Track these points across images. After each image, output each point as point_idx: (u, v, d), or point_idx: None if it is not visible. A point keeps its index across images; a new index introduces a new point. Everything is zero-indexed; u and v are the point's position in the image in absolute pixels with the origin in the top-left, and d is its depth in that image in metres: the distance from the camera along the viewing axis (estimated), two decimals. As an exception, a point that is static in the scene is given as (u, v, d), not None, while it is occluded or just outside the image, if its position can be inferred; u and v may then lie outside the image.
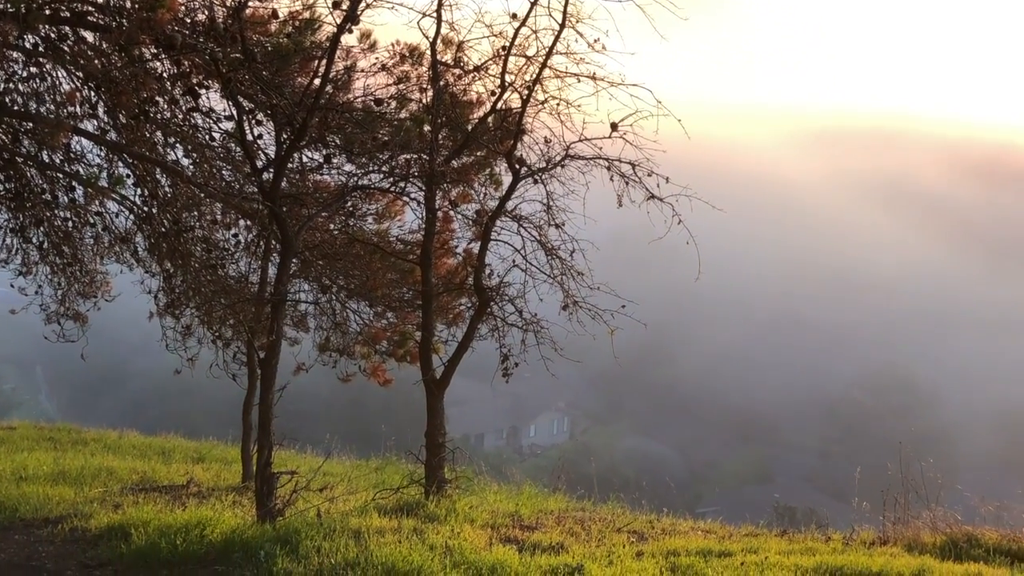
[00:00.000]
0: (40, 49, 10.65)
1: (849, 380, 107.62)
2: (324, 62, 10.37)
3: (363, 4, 10.05)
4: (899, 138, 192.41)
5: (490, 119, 12.17)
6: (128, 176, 12.73)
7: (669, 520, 13.00)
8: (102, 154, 12.65)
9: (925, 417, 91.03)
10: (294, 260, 12.52)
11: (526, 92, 11.73)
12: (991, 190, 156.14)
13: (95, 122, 11.91)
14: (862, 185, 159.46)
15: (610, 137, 11.49)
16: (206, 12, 9.92)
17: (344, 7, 9.72)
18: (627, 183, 11.64)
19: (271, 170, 11.14)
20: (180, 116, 12.06)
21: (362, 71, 12.39)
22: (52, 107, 11.84)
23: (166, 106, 11.81)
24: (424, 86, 12.30)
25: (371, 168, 12.57)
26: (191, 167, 12.68)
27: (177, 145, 12.58)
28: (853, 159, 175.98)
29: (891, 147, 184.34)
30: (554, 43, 11.34)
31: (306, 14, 11.08)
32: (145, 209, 13.03)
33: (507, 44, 11.64)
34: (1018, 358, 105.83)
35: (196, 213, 13.47)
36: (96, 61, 10.82)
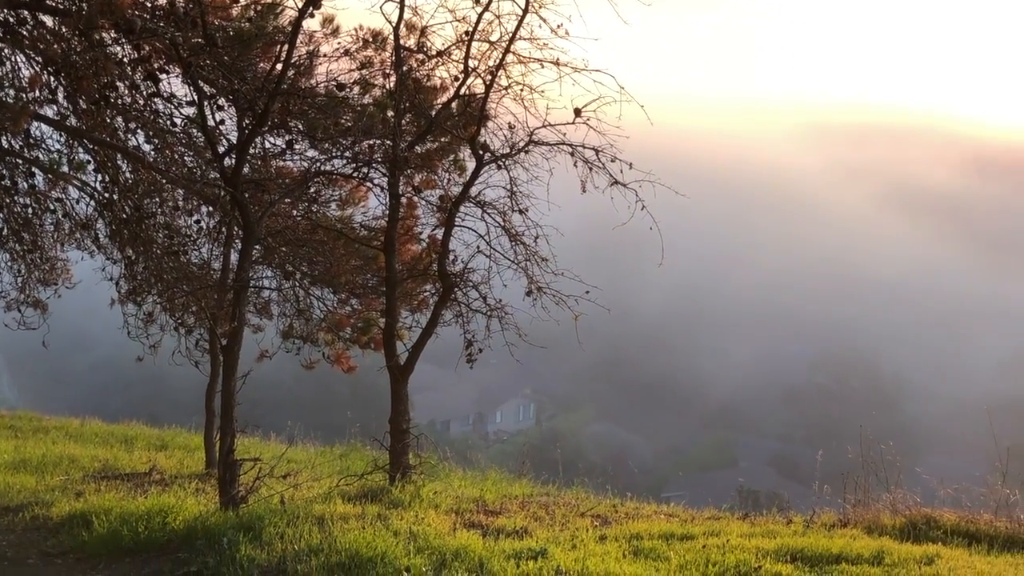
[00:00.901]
0: (-1, 34, 10.53)
1: (812, 365, 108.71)
2: (286, 47, 10.30)
3: (325, -12, 9.99)
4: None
5: (454, 105, 12.14)
6: (89, 162, 12.65)
7: (633, 504, 13.08)
8: (62, 140, 12.54)
9: (888, 402, 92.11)
10: (256, 246, 12.45)
11: (489, 77, 11.71)
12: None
13: (55, 107, 11.80)
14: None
15: (573, 123, 11.49)
16: (166, -4, 9.83)
17: (306, -9, 9.66)
18: (591, 169, 11.65)
19: (233, 156, 11.07)
20: (141, 101, 11.97)
21: (325, 56, 12.32)
22: (12, 92, 11.71)
23: (127, 91, 11.73)
24: (387, 71, 12.24)
25: (334, 154, 12.51)
26: (152, 153, 12.60)
27: (138, 131, 12.49)
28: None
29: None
30: (517, 28, 11.33)
31: (268, -2, 11.00)
32: (106, 195, 12.95)
33: (470, 29, 11.62)
34: (985, 347, 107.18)
35: (158, 199, 13.40)
36: (55, 46, 10.71)
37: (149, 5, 9.99)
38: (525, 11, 11.17)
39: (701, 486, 56.09)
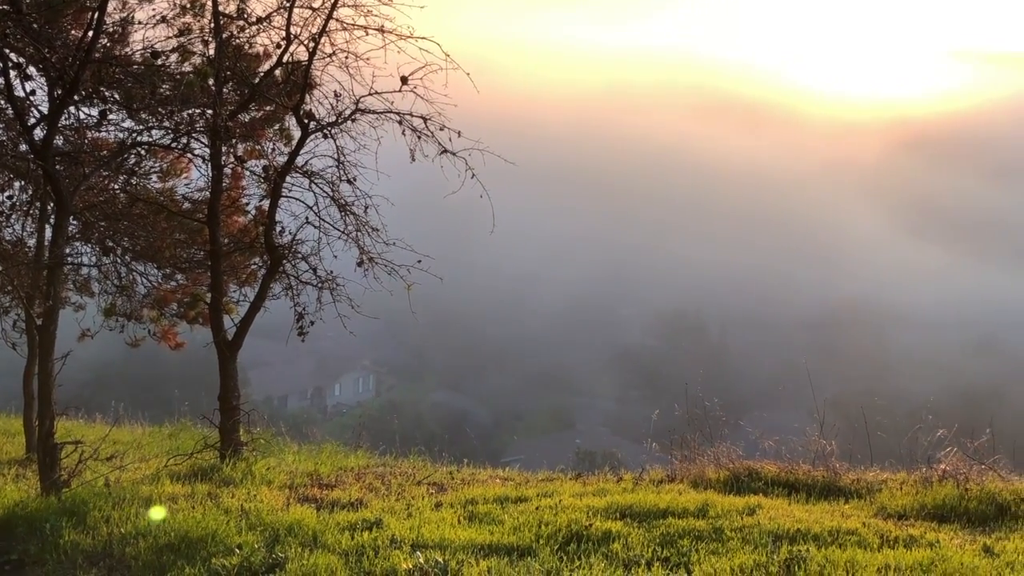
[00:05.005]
0: None
1: (643, 328, 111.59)
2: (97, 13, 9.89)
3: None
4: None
5: (277, 72, 11.88)
6: None
7: (469, 471, 13.20)
8: None
9: (715, 361, 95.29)
10: (73, 221, 11.99)
11: (312, 44, 11.49)
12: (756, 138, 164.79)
13: None
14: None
15: (400, 91, 11.39)
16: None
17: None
18: (419, 137, 11.59)
19: (44, 127, 10.59)
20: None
21: (140, 23, 11.90)
22: None
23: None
24: (207, 38, 11.90)
25: (152, 124, 12.10)
26: (-42, 126, 11.98)
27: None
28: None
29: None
30: (339, -6, 11.17)
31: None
32: (-91, 171, 12.26)
33: (291, -6, 11.39)
34: (803, 302, 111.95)
35: (-35, 175, 12.76)
36: None
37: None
38: (347, -24, 11.01)
39: (540, 450, 56.95)
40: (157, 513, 8.97)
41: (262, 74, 11.94)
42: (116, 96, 11.87)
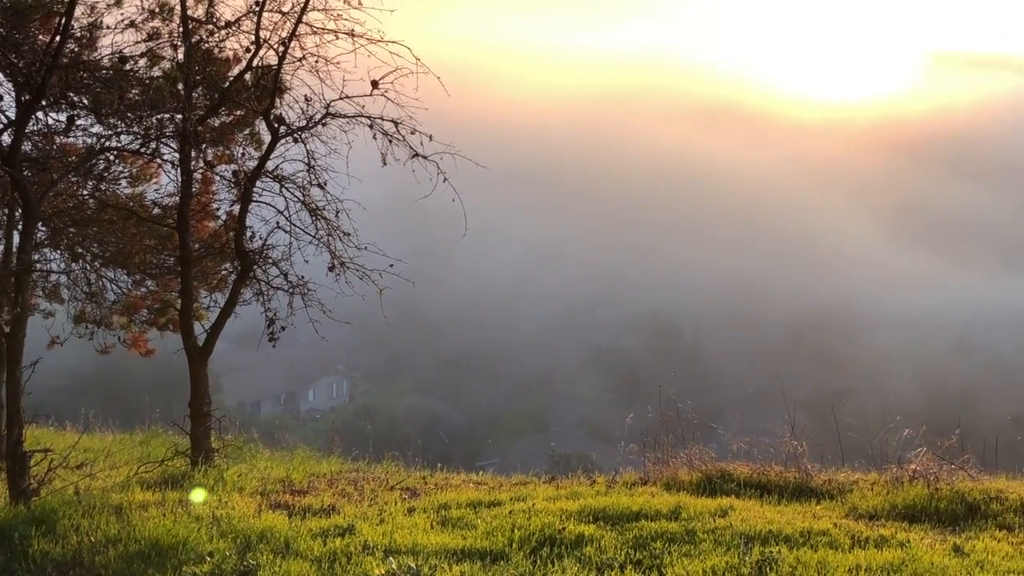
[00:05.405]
0: None
1: (618, 329, 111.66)
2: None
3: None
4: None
5: (247, 77, 11.84)
6: None
7: (442, 475, 13.17)
8: None
9: (690, 362, 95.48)
10: (41, 227, 11.88)
11: (282, 49, 11.47)
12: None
13: None
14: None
15: (371, 95, 11.38)
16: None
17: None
18: (391, 141, 11.57)
19: (11, 133, 10.50)
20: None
21: (108, 28, 11.82)
22: None
23: None
24: (176, 43, 11.85)
25: (121, 129, 12.02)
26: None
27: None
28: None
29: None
30: (308, -2, 11.14)
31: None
32: None
33: (260, -1, 11.36)
34: (778, 304, 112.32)
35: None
36: None
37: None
38: (316, -20, 10.99)
39: (515, 453, 56.86)
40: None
41: (232, 78, 11.91)
42: (84, 101, 11.78)
